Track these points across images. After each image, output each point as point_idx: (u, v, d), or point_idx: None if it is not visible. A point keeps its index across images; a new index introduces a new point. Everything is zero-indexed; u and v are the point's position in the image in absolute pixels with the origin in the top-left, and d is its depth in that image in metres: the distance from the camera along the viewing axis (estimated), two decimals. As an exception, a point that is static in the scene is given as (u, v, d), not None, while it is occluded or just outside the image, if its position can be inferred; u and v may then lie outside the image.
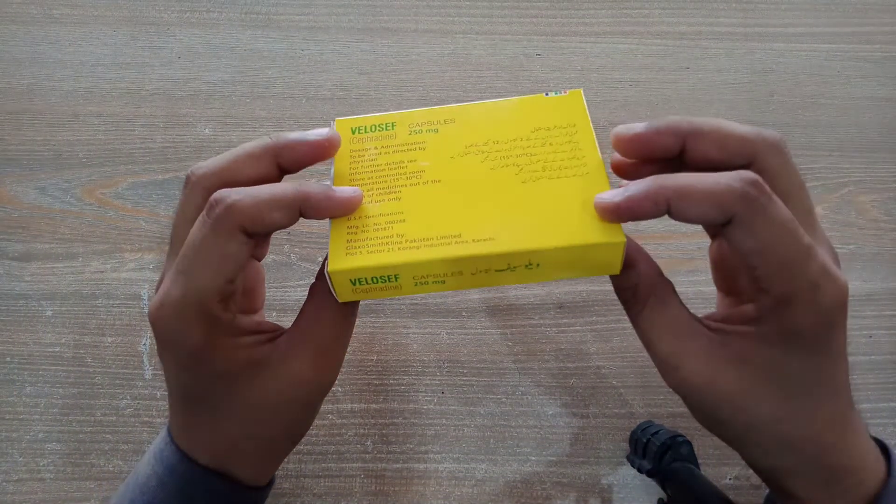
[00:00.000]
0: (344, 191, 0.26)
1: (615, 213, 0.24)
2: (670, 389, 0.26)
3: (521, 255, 0.24)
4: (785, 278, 0.23)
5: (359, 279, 0.25)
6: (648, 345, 0.26)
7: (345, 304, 0.27)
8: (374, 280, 0.25)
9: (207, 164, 0.26)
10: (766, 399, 0.24)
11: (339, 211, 0.26)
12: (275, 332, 0.28)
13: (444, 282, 0.25)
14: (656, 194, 0.23)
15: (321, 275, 0.27)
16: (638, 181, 0.23)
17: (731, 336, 0.25)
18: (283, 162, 0.26)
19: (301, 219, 0.25)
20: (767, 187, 0.22)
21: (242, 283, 0.29)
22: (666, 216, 0.24)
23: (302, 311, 0.28)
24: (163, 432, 0.29)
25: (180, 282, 0.24)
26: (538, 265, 0.25)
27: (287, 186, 0.25)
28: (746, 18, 0.51)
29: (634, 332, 0.26)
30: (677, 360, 0.25)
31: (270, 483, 0.32)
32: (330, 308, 0.27)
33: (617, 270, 0.26)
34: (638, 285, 0.25)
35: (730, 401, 0.24)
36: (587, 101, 0.28)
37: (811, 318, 0.23)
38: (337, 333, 0.27)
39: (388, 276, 0.25)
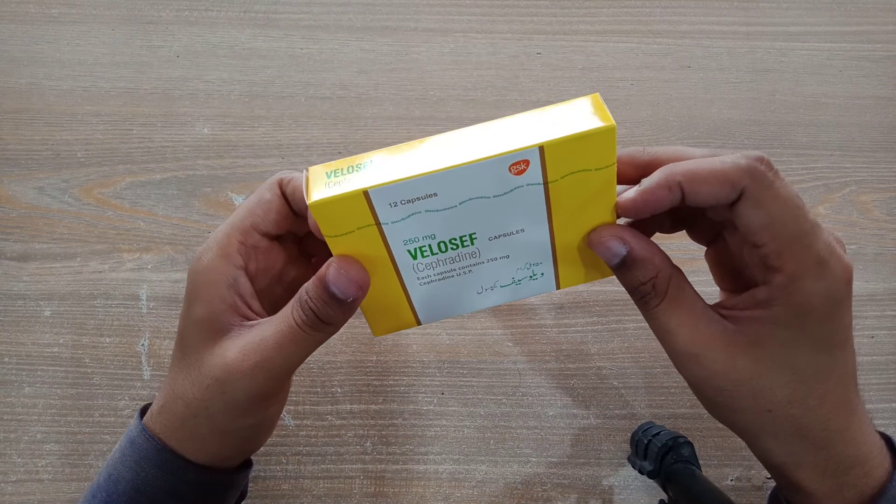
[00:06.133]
0: None
1: (634, 209, 0.25)
2: (672, 390, 0.25)
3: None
4: (794, 253, 0.23)
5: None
6: (666, 336, 0.26)
7: (297, 316, 0.27)
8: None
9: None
10: (781, 382, 0.24)
11: None
12: (257, 320, 0.29)
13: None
14: (668, 180, 0.24)
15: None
16: (649, 176, 0.24)
17: (743, 321, 0.25)
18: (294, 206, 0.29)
19: None
20: (773, 165, 0.23)
21: (277, 266, 0.30)
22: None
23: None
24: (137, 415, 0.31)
25: (224, 224, 0.29)
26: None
27: None
28: (748, 17, 0.51)
29: (634, 332, 0.26)
30: (698, 349, 0.25)
31: (239, 470, 0.32)
32: (282, 315, 0.27)
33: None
34: (657, 277, 0.25)
35: (748, 386, 0.25)
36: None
37: (820, 294, 0.23)
38: (279, 337, 0.27)
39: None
